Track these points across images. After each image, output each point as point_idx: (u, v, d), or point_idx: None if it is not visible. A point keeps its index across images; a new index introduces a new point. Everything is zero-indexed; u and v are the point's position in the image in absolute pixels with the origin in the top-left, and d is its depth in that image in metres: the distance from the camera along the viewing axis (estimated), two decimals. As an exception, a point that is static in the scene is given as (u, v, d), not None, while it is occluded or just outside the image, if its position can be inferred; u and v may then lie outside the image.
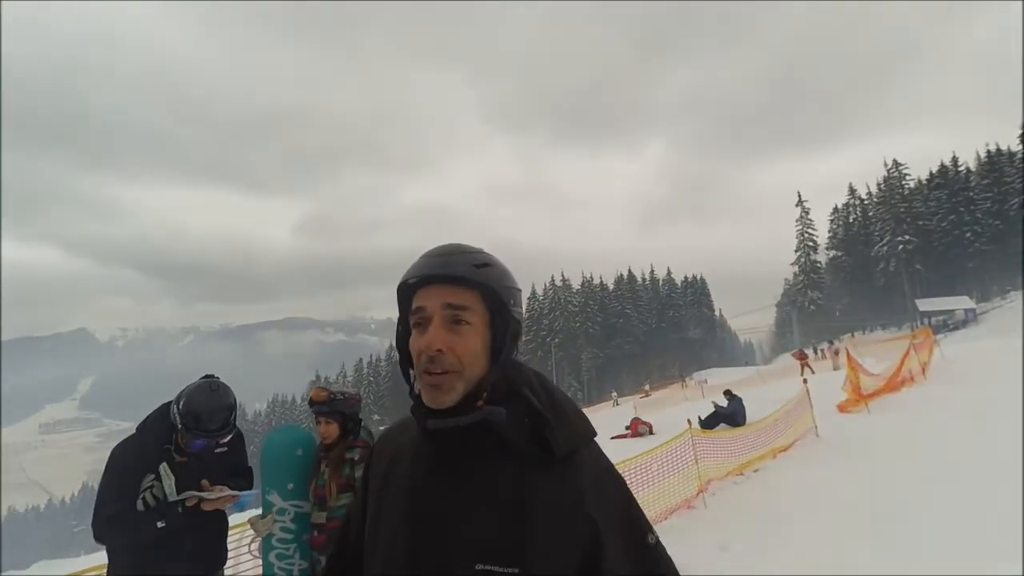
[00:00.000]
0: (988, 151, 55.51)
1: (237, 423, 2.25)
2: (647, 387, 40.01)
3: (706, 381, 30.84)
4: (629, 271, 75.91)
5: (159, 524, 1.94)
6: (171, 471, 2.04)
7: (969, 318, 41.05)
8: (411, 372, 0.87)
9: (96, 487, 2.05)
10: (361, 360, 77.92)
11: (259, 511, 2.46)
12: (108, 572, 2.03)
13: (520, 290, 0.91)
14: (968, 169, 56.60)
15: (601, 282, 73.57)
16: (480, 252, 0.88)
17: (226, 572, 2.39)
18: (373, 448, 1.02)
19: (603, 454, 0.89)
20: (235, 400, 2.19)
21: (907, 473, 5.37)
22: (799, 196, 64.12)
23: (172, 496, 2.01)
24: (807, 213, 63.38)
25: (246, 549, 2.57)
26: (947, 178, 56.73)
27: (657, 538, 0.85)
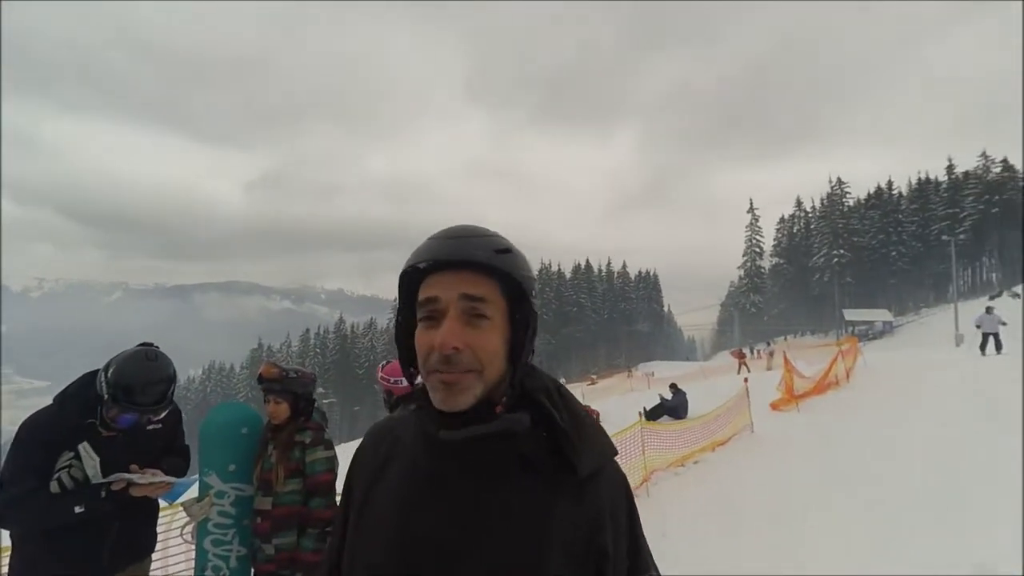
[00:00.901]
0: (919, 178, 60.43)
1: (174, 395, 2.03)
2: (594, 376, 41.16)
3: (652, 373, 32.09)
4: (587, 261, 77.41)
5: (76, 509, 1.71)
6: (95, 449, 1.80)
7: (886, 329, 45.00)
8: (411, 371, 0.75)
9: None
10: (308, 331, 75.39)
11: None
12: (11, 559, 1.78)
13: (536, 280, 0.79)
14: (900, 193, 61.41)
15: (559, 270, 74.53)
16: (499, 236, 0.76)
17: (154, 559, 2.18)
18: (356, 451, 0.87)
19: (620, 470, 0.79)
20: (175, 372, 1.97)
21: (831, 467, 5.79)
22: (751, 203, 67.35)
23: (96, 478, 1.78)
24: (757, 220, 66.80)
25: (177, 533, 2.37)
26: (881, 199, 61.33)
27: (657, 573, 0.77)
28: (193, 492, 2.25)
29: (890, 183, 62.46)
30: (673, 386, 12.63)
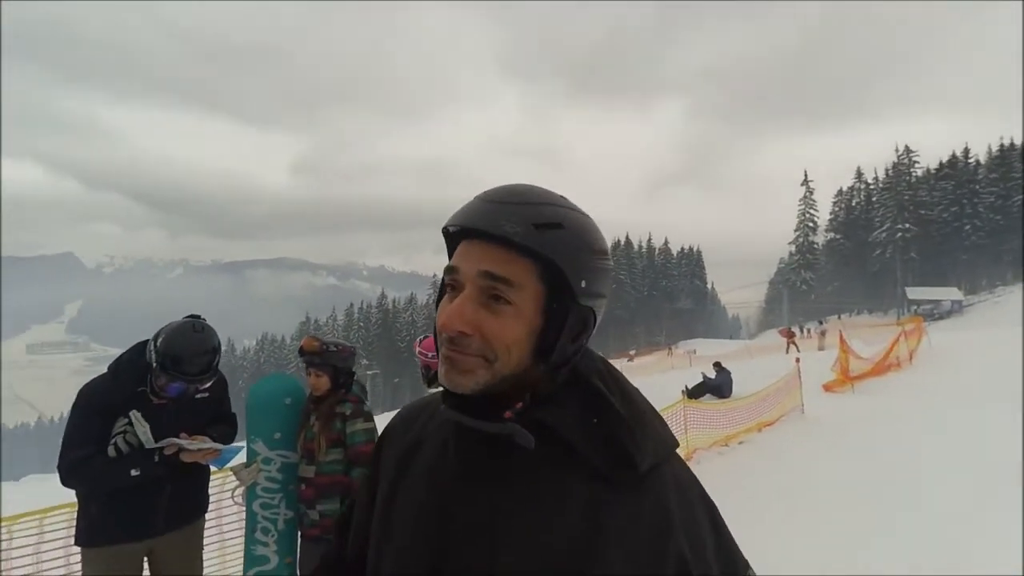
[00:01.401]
0: (1001, 145, 54.64)
1: (222, 362, 2.08)
2: (632, 352, 40.64)
3: (695, 351, 31.32)
4: (627, 237, 75.60)
5: (132, 472, 1.80)
6: (146, 416, 1.87)
7: (955, 309, 41.69)
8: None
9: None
10: (352, 305, 78.15)
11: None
12: (78, 515, 1.90)
13: (606, 267, 0.63)
14: (978, 162, 55.88)
15: (598, 246, 73.21)
16: (556, 204, 0.61)
17: (207, 519, 2.29)
18: (387, 427, 0.81)
19: (685, 465, 0.67)
20: (219, 343, 2.01)
21: (887, 455, 5.45)
22: (805, 175, 63.24)
23: (149, 443, 1.85)
24: (811, 193, 62.73)
25: (229, 496, 2.47)
26: (956, 169, 56.03)
27: (754, 573, 0.64)
28: (242, 458, 2.32)
29: (966, 151, 56.87)
30: (717, 364, 12.25)
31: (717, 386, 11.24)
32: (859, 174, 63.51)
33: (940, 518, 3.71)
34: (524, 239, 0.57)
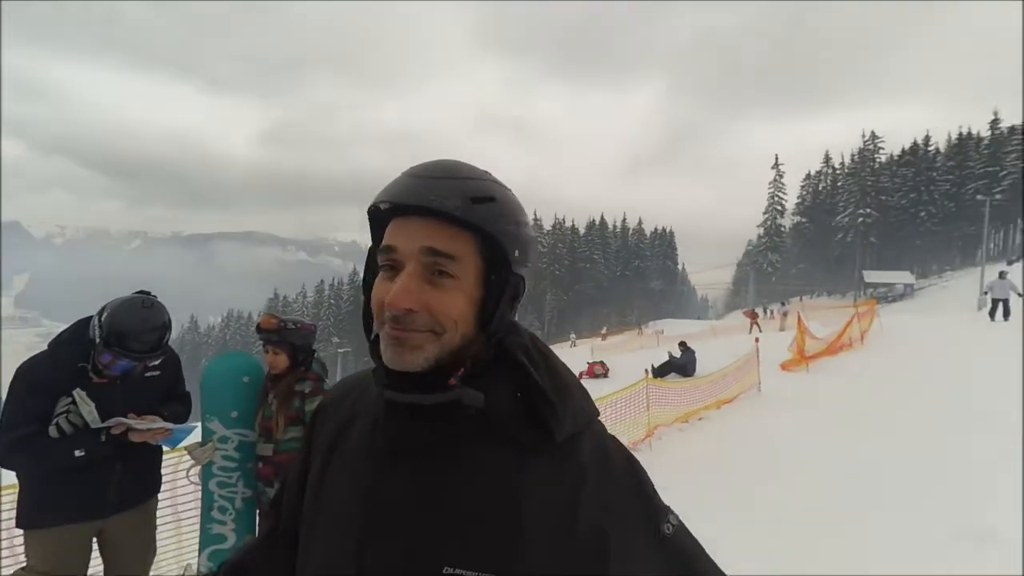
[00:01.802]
0: (960, 134, 56.96)
1: (186, 339, 2.02)
2: (604, 331, 41.48)
3: (663, 331, 32.18)
4: (601, 217, 76.13)
5: (77, 453, 1.74)
6: (90, 395, 1.80)
7: (907, 292, 44.01)
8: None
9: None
10: (323, 282, 76.55)
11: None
12: (19, 497, 1.84)
13: (532, 237, 0.65)
14: (937, 150, 58.20)
15: (573, 225, 73.59)
16: (484, 179, 0.63)
17: (161, 499, 2.25)
18: (321, 402, 0.80)
19: (607, 432, 0.69)
20: (169, 320, 1.94)
21: (832, 428, 5.79)
22: (776, 159, 64.65)
23: (95, 423, 1.79)
24: (781, 176, 64.31)
25: (184, 474, 2.43)
26: (916, 156, 58.27)
27: (677, 523, 0.64)
28: (196, 438, 2.29)
29: (927, 139, 59.10)
30: (682, 344, 12.63)
31: (682, 365, 11.62)
32: (827, 159, 65.42)
33: (880, 489, 3.99)
34: (464, 213, 0.58)
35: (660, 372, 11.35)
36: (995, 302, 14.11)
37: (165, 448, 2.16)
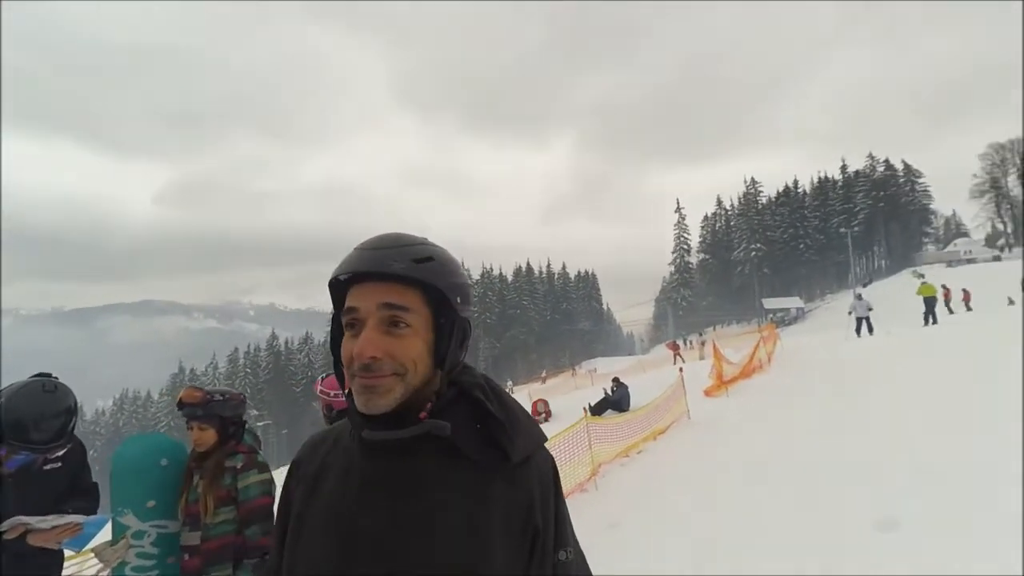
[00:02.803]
0: (820, 177, 67.09)
1: (75, 429, 1.81)
2: (543, 374, 41.78)
3: (595, 369, 33.09)
4: (528, 264, 78.55)
5: (-40, 568, 1.48)
6: (-24, 499, 1.56)
7: (799, 315, 49.42)
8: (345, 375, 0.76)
9: None
10: (237, 349, 70.44)
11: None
12: None
13: (469, 285, 0.82)
14: (804, 191, 67.87)
15: (500, 273, 75.07)
16: (423, 244, 0.77)
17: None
18: (293, 461, 0.87)
19: (551, 457, 0.84)
20: (75, 403, 1.76)
21: (757, 447, 6.25)
22: (677, 203, 71.54)
23: None
24: (684, 219, 71.12)
25: (88, 583, 2.11)
26: (789, 197, 67.52)
27: (573, 554, 0.79)
28: (106, 535, 2.02)
29: (796, 182, 68.95)
30: (615, 380, 13.08)
31: (616, 401, 11.99)
32: (719, 201, 73.53)
33: (801, 492, 4.34)
34: (409, 272, 0.71)
35: (597, 410, 11.60)
36: (858, 320, 16.24)
37: (66, 552, 1.89)
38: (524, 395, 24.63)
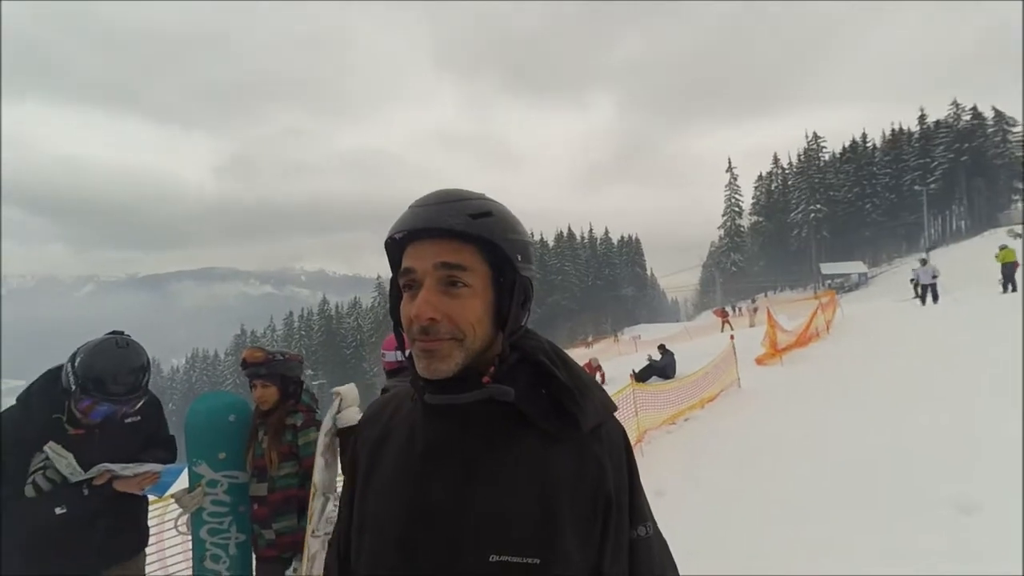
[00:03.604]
0: (892, 129, 61.02)
1: (151, 384, 1.91)
2: (589, 338, 41.83)
3: (639, 336, 32.59)
4: (569, 229, 77.25)
5: (57, 511, 1.62)
6: (65, 448, 1.69)
7: (861, 281, 46.25)
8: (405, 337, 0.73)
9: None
10: (291, 313, 74.44)
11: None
12: (-7, 567, 1.69)
13: (531, 242, 0.75)
14: (874, 146, 62.08)
15: (542, 238, 74.34)
16: (480, 198, 0.72)
17: (148, 554, 2.11)
18: (356, 426, 0.86)
19: (622, 428, 0.79)
20: (148, 361, 1.85)
21: (812, 418, 5.98)
22: (729, 163, 67.47)
23: (74, 476, 1.68)
24: (735, 179, 67.10)
25: (171, 526, 2.29)
26: (856, 153, 61.94)
27: (652, 529, 0.76)
28: (184, 483, 2.17)
29: (864, 136, 63.00)
30: (662, 347, 12.83)
31: (662, 368, 11.79)
32: (775, 160, 68.65)
33: (863, 470, 4.12)
34: (467, 228, 0.67)
35: (642, 377, 11.48)
36: (923, 287, 15.00)
37: (150, 498, 2.04)
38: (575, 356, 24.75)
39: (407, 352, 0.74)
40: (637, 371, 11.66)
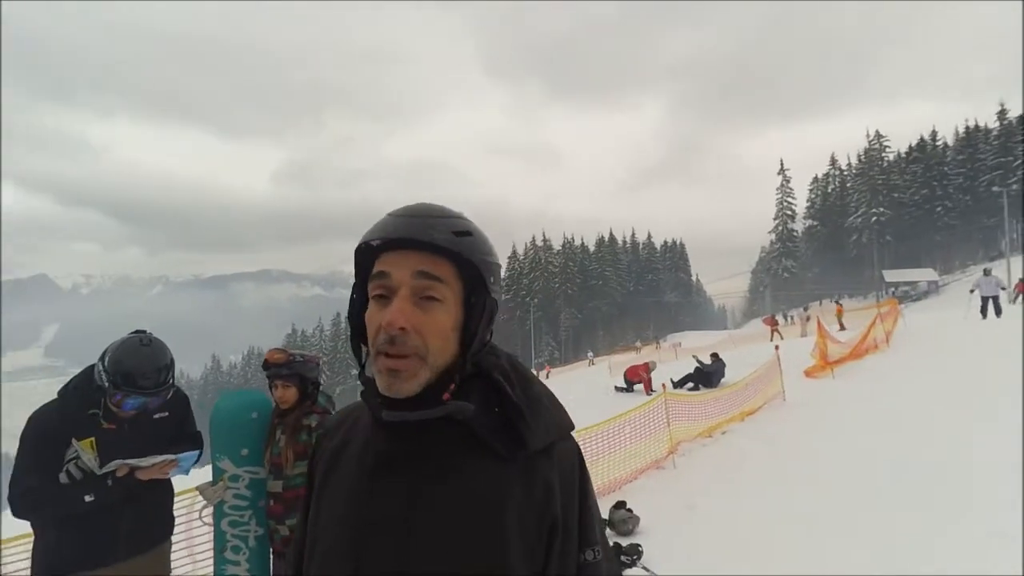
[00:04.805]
0: (967, 127, 56.24)
1: (209, 379, 2.03)
2: (638, 343, 41.43)
3: (680, 344, 31.64)
4: (610, 233, 76.19)
5: (86, 498, 1.74)
6: (97, 443, 1.82)
7: (931, 289, 42.82)
8: (364, 349, 0.73)
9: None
10: (339, 315, 77.19)
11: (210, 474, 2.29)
12: (34, 547, 1.84)
13: (500, 265, 0.76)
14: (945, 144, 57.42)
15: (582, 243, 73.70)
16: (461, 217, 0.73)
17: (176, 541, 2.23)
18: (317, 437, 0.87)
19: (578, 448, 0.77)
20: (172, 359, 1.96)
21: (869, 435, 5.55)
22: (781, 164, 64.43)
23: (97, 469, 1.80)
24: (788, 182, 63.98)
25: (197, 516, 2.42)
26: (925, 152, 57.49)
27: (601, 553, 0.72)
28: (207, 475, 2.28)
29: (934, 134, 58.42)
30: (714, 355, 12.33)
31: (708, 375, 11.37)
32: (833, 161, 64.90)
33: (915, 496, 3.78)
34: (449, 244, 0.68)
35: (680, 383, 11.22)
36: (984, 300, 13.79)
37: (178, 489, 2.16)
38: (604, 367, 24.34)
39: (363, 365, 0.73)
40: (675, 380, 11.33)
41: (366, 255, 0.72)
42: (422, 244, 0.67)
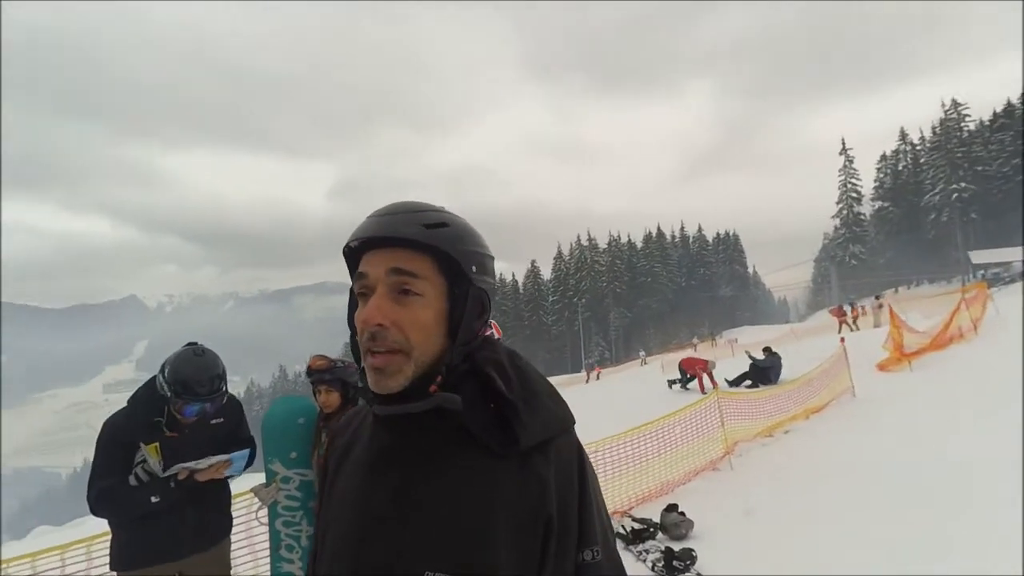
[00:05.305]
0: (1063, 85, 50.04)
1: (276, 388, 2.17)
2: (695, 340, 40.35)
3: (736, 340, 30.24)
4: (658, 228, 74.04)
5: (153, 499, 1.91)
6: (161, 447, 1.98)
7: (1027, 270, 38.32)
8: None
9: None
10: (392, 323, 79.82)
11: (263, 474, 2.44)
12: (111, 544, 2.03)
13: (489, 256, 0.76)
14: (1038, 106, 51.32)
15: (629, 240, 72.10)
16: (436, 210, 0.73)
17: (237, 540, 2.38)
18: (330, 436, 0.90)
19: (580, 445, 0.75)
20: (223, 368, 2.10)
21: (947, 432, 5.05)
22: (843, 143, 60.11)
23: (161, 472, 1.96)
24: (851, 162, 59.54)
25: (254, 516, 2.57)
26: (1012, 118, 51.63)
27: (603, 553, 0.70)
28: (260, 475, 2.42)
29: (1023, 96, 52.40)
30: (767, 349, 11.71)
31: (764, 371, 10.78)
32: (903, 135, 59.67)
33: (996, 524, 3.37)
34: (419, 237, 0.68)
35: (736, 382, 10.71)
36: None
37: (236, 490, 2.31)
38: (657, 365, 23.64)
39: (361, 365, 0.73)
40: (729, 380, 10.85)
41: (351, 257, 0.74)
42: (395, 241, 0.68)
